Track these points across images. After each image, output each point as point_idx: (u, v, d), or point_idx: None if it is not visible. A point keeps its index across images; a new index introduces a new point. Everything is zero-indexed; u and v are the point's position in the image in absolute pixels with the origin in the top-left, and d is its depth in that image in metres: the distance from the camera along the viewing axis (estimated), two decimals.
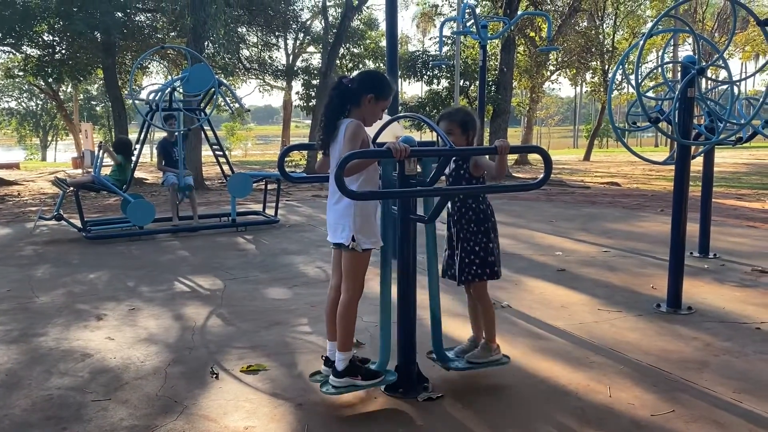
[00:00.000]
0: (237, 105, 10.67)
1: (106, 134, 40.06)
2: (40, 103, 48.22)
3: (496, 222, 3.70)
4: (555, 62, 29.93)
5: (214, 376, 3.80)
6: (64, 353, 4.19)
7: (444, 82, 20.48)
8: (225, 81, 11.40)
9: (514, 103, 28.01)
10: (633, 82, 4.53)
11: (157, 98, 8.61)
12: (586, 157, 31.39)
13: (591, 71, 30.31)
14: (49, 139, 51.71)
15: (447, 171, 3.65)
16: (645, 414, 3.25)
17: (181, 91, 9.05)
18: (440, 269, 3.77)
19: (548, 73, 30.48)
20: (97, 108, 48.35)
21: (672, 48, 24.76)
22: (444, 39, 18.07)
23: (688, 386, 3.59)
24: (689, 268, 6.33)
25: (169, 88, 8.59)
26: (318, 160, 3.62)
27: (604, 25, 29.38)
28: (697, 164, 6.65)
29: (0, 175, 19.67)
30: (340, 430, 3.15)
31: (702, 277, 6.10)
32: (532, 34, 23.88)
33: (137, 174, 13.76)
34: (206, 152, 13.80)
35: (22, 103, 48.96)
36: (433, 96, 19.82)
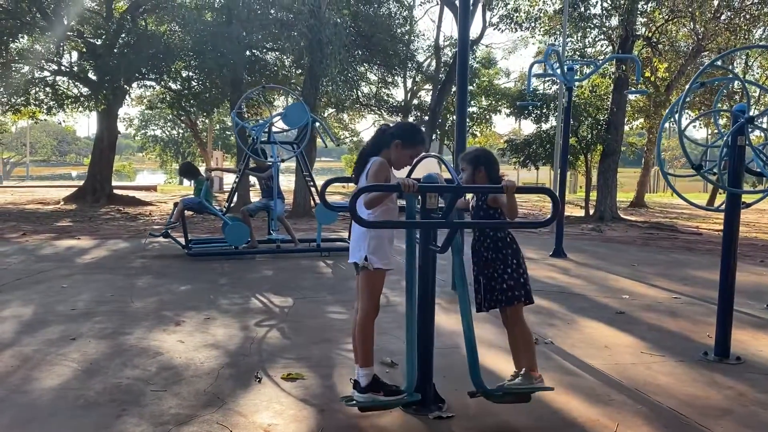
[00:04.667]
0: (330, 139, 11.45)
1: (238, 164, 42.90)
2: (181, 131, 52.55)
3: (519, 249, 3.86)
4: None
5: (258, 380, 4.29)
6: (141, 350, 4.86)
7: (552, 121, 20.39)
8: (318, 117, 12.06)
9: (630, 143, 27.03)
10: (678, 130, 4.61)
11: (256, 131, 9.48)
12: (709, 203, 29.63)
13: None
14: None
15: (472, 203, 3.97)
16: None
17: (279, 126, 9.89)
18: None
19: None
20: (231, 138, 51.99)
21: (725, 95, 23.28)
22: (550, 78, 18.13)
23: (699, 430, 3.60)
24: (758, 320, 6.14)
25: (268, 124, 9.45)
26: None
27: (735, 65, 27.88)
28: None
29: (138, 196, 21.82)
30: None
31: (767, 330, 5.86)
32: (648, 74, 23.22)
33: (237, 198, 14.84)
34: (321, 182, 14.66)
35: (166, 131, 53.61)
36: (539, 134, 19.78)
